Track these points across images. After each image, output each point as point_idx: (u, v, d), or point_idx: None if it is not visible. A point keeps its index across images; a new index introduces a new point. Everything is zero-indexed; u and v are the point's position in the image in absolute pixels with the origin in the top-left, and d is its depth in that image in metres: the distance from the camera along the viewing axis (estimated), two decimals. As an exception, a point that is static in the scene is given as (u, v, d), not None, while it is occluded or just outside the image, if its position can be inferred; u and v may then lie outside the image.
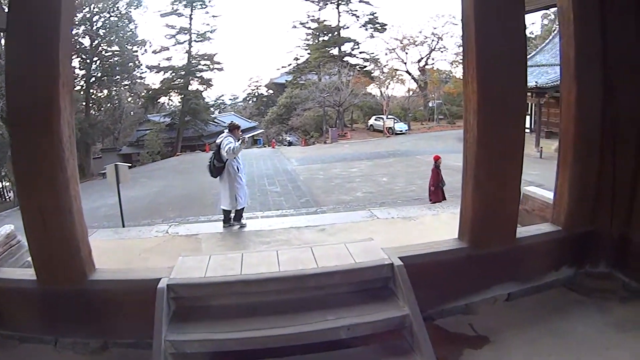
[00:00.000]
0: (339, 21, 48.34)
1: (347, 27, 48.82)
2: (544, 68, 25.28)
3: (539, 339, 3.41)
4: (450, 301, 3.77)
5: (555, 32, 30.02)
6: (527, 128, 25.91)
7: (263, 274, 3.46)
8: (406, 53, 47.77)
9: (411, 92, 47.47)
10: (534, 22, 46.29)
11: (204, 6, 43.53)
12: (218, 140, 7.91)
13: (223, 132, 8.13)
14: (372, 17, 48.05)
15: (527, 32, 4.65)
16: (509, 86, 3.47)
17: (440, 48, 47.75)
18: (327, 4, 47.88)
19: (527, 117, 27.46)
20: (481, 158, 3.53)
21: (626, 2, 3.71)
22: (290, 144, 40.32)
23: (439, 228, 7.09)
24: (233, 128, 8.13)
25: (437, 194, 11.68)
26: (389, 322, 3.23)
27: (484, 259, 3.75)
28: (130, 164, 15.63)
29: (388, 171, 20.57)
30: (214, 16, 44.33)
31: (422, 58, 47.84)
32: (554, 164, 3.99)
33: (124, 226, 10.90)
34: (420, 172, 19.14)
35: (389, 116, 42.20)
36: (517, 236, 3.87)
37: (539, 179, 12.18)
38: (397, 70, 47.21)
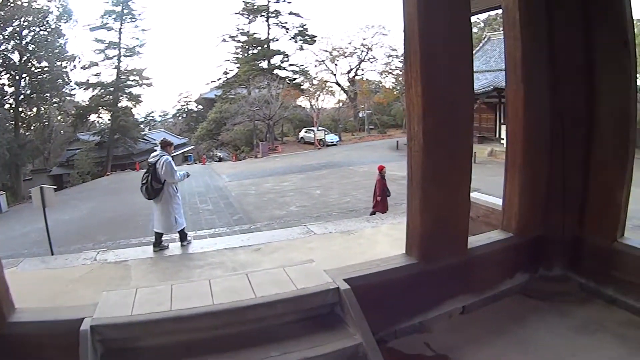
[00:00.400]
0: (268, 34, 47.92)
1: (277, 40, 48.51)
2: (474, 75, 26.07)
3: (502, 352, 3.19)
4: (403, 320, 3.44)
5: (486, 39, 31.20)
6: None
7: (195, 308, 3.00)
8: (336, 64, 48.14)
9: (341, 103, 47.86)
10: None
11: (133, 19, 42.13)
12: (152, 160, 7.25)
13: (155, 150, 7.53)
14: (301, 29, 47.98)
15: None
16: (456, 89, 3.22)
17: (370, 59, 48.56)
18: (257, 16, 47.26)
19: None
20: (428, 167, 3.24)
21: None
22: (220, 159, 39.19)
23: (381, 241, 6.86)
24: (165, 145, 7.59)
25: (383, 204, 11.55)
26: (342, 353, 2.87)
27: (435, 274, 3.47)
28: (56, 186, 14.61)
29: (321, 183, 20.33)
30: (143, 30, 43.13)
31: (351, 69, 48.39)
32: (489, 168, 3.82)
33: (52, 253, 10.02)
34: (354, 183, 19.10)
35: (320, 128, 42.03)
36: (468, 246, 3.63)
37: (475, 183, 12.33)
38: (326, 81, 47.45)
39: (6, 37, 35.22)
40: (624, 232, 3.68)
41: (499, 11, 3.90)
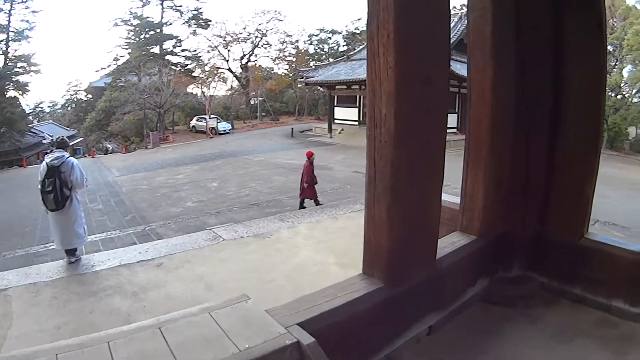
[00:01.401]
0: (162, 17, 43.00)
1: (170, 24, 43.62)
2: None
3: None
4: (368, 358, 2.48)
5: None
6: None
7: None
8: (229, 50, 44.20)
9: (233, 91, 44.30)
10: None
11: (24, 0, 35.06)
12: (55, 162, 5.44)
13: (53, 152, 5.68)
14: (196, 12, 43.68)
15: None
16: (433, 60, 2.28)
17: (264, 44, 45.38)
18: (150, -1, 42.15)
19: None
20: (401, 162, 2.27)
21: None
22: (107, 151, 34.57)
23: (302, 245, 5.76)
24: (65, 145, 5.85)
25: (311, 190, 10.63)
26: None
27: (404, 296, 2.53)
28: None
29: (217, 175, 18.22)
30: (34, 12, 35.78)
31: (244, 55, 44.86)
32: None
33: None
34: (251, 174, 17.64)
35: (212, 116, 38.46)
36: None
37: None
38: (219, 68, 43.58)
39: None
40: (588, 227, 3.12)
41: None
